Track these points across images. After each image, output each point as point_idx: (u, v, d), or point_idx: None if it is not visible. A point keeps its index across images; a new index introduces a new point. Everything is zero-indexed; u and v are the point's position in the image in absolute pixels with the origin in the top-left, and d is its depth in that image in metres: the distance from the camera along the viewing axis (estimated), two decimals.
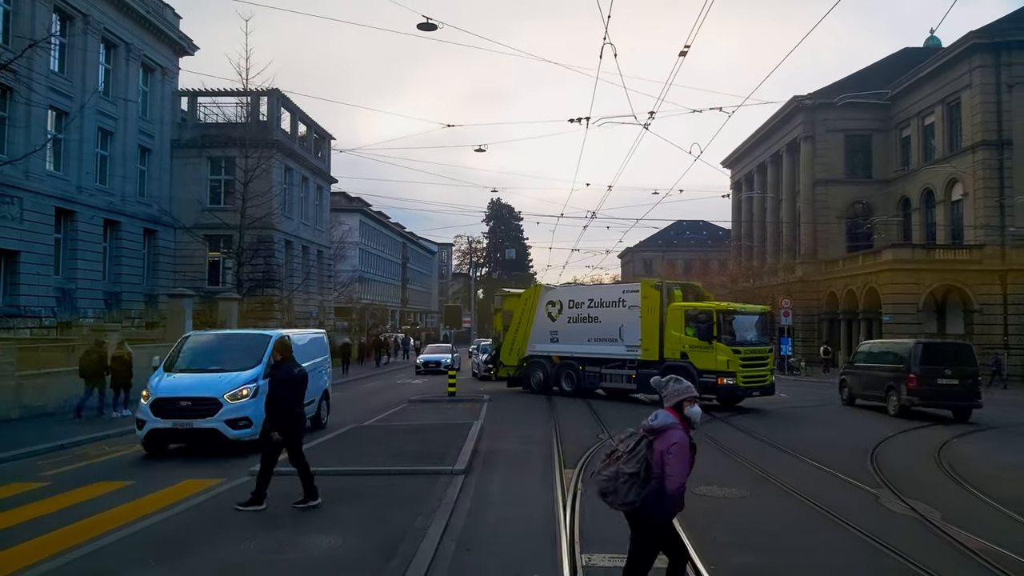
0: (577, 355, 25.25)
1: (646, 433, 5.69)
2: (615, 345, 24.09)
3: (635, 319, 23.58)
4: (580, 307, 25.55)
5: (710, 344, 21.70)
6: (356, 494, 10.24)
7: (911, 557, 7.62)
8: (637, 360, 23.36)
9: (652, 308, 23.19)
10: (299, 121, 45.56)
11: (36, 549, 7.93)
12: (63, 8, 30.24)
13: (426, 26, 18.46)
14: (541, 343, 26.60)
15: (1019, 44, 39.11)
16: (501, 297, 31.25)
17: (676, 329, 22.54)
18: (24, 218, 27.99)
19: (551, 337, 26.25)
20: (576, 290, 28.33)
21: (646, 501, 5.49)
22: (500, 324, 29.57)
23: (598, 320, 24.87)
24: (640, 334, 23.32)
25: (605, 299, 25.13)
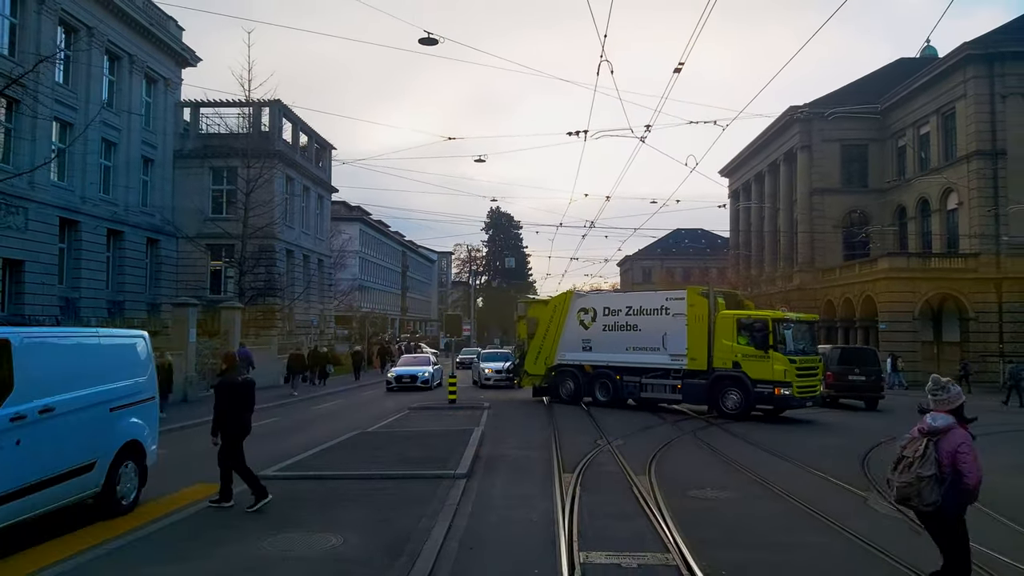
0: (614, 364, 24.30)
1: (928, 435, 6.16)
2: (657, 354, 23.29)
3: (680, 327, 22.77)
4: (617, 314, 24.57)
5: (766, 353, 21.16)
6: (362, 497, 10.55)
7: (895, 555, 7.94)
8: (683, 370, 22.60)
9: (700, 316, 22.41)
10: (300, 131, 45.95)
11: (50, 551, 8.22)
12: (68, 21, 30.65)
13: (427, 41, 18.82)
14: (572, 351, 25.56)
15: (1012, 55, 39.60)
16: (525, 304, 29.73)
17: (727, 338, 21.88)
18: (29, 228, 28.31)
19: (583, 345, 25.27)
20: (612, 297, 27.33)
21: (944, 499, 6.03)
22: (524, 332, 28.31)
23: (637, 328, 23.94)
24: (686, 343, 22.54)
25: (645, 306, 24.14)
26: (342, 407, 25.83)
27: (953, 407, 6.27)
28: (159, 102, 38.46)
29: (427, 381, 32.05)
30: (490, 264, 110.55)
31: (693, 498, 10.87)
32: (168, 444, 16.77)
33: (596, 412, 22.58)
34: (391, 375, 33.54)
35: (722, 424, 20.33)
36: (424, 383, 31.84)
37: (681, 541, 8.23)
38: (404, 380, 32.67)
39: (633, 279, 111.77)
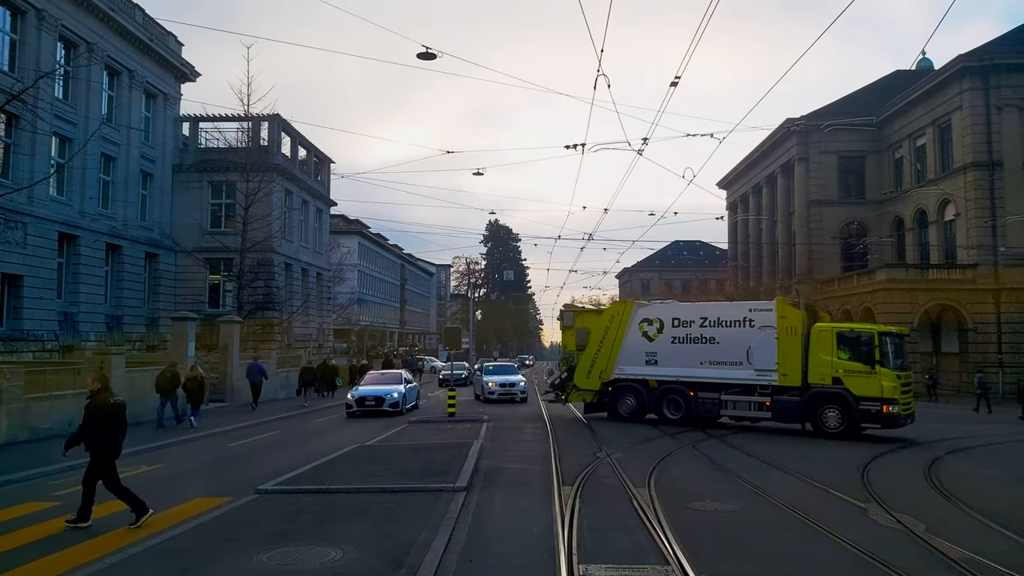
0: (686, 379, 22.66)
1: None
2: (740, 369, 21.76)
3: (768, 340, 21.32)
4: (689, 326, 22.97)
5: (872, 369, 19.88)
6: (362, 510, 10.54)
7: (896, 567, 7.94)
8: (771, 386, 21.20)
9: (792, 328, 21.08)
10: (299, 145, 46.10)
11: (49, 567, 8.21)
12: (68, 37, 30.81)
13: (426, 55, 18.92)
14: (633, 365, 23.74)
15: (1008, 67, 39.83)
16: (572, 314, 27.13)
17: (825, 352, 20.52)
18: (28, 243, 28.38)
19: (647, 359, 23.50)
20: (682, 307, 25.07)
21: None
22: (571, 343, 25.99)
23: (715, 341, 22.35)
24: (776, 357, 21.12)
25: (725, 318, 22.54)
26: (342, 420, 25.79)
27: None
28: (158, 117, 38.60)
29: (396, 404, 26.49)
30: (489, 277, 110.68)
31: (692, 510, 10.87)
32: (166, 459, 16.83)
33: (596, 425, 22.56)
34: (352, 396, 27.22)
35: (721, 436, 20.32)
36: (393, 406, 26.38)
37: (680, 553, 8.23)
38: (368, 403, 26.55)
39: (632, 291, 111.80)
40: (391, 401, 26.67)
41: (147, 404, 24.38)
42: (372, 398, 26.75)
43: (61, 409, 20.45)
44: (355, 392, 27.69)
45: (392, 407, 26.47)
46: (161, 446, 18.74)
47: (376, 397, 26.79)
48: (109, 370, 22.38)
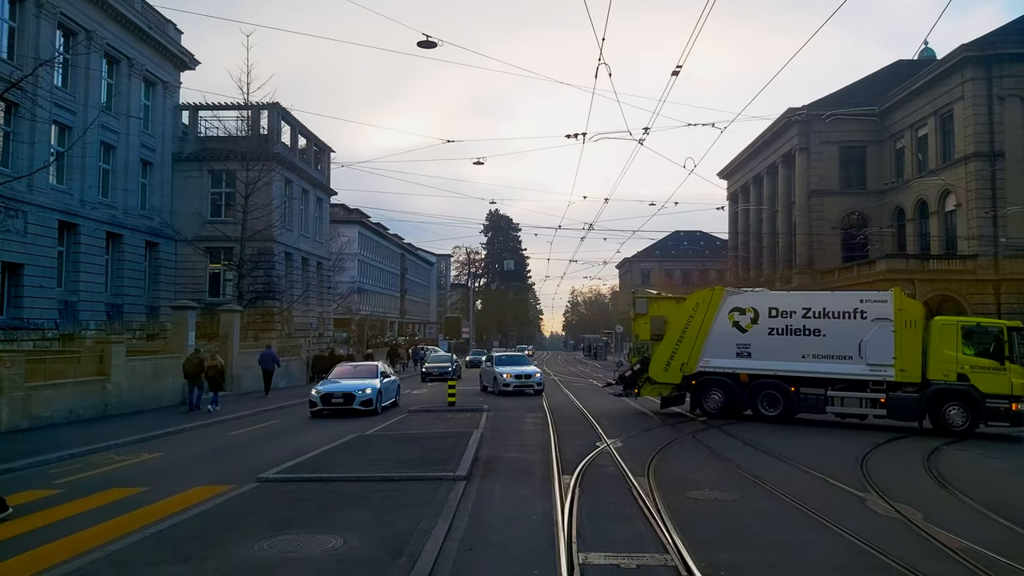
0: (786, 373, 21.35)
1: None
2: (849, 363, 20.59)
3: (883, 334, 20.21)
4: (789, 317, 21.56)
5: (1002, 365, 19.06)
6: (363, 498, 10.58)
7: (893, 556, 7.98)
8: (886, 381, 20.16)
9: (912, 322, 20.09)
10: (299, 134, 46.04)
11: (51, 553, 8.24)
12: (67, 24, 30.72)
13: (426, 44, 18.87)
14: (721, 358, 22.25)
15: (1010, 57, 39.69)
16: (645, 300, 24.99)
17: (949, 347, 19.63)
18: (28, 231, 28.38)
19: (739, 351, 22.08)
20: (780, 297, 23.59)
21: None
22: (644, 333, 24.17)
23: (820, 333, 21.05)
24: (893, 351, 20.06)
25: (832, 309, 21.18)
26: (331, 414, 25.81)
27: None
28: (158, 105, 38.53)
29: (369, 402, 23.11)
30: (489, 266, 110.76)
31: (692, 499, 10.90)
32: (168, 447, 16.90)
33: (596, 415, 22.58)
34: (316, 392, 23.63)
35: (720, 426, 20.35)
36: (365, 405, 22.99)
37: (680, 542, 8.26)
38: (335, 400, 23.11)
39: (632, 281, 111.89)
40: (363, 399, 23.13)
41: (147, 393, 24.50)
42: (340, 395, 23.17)
43: (62, 397, 20.53)
44: (320, 387, 23.91)
45: (364, 405, 23.01)
46: (164, 434, 18.80)
47: (345, 394, 23.16)
48: (109, 359, 22.55)
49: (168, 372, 26.12)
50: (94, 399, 21.84)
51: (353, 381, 24.15)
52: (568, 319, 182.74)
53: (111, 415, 22.09)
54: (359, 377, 24.77)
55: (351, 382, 24.01)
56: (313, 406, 23.27)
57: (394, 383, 26.88)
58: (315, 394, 23.49)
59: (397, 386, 27.19)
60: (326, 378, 25.61)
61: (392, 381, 26.71)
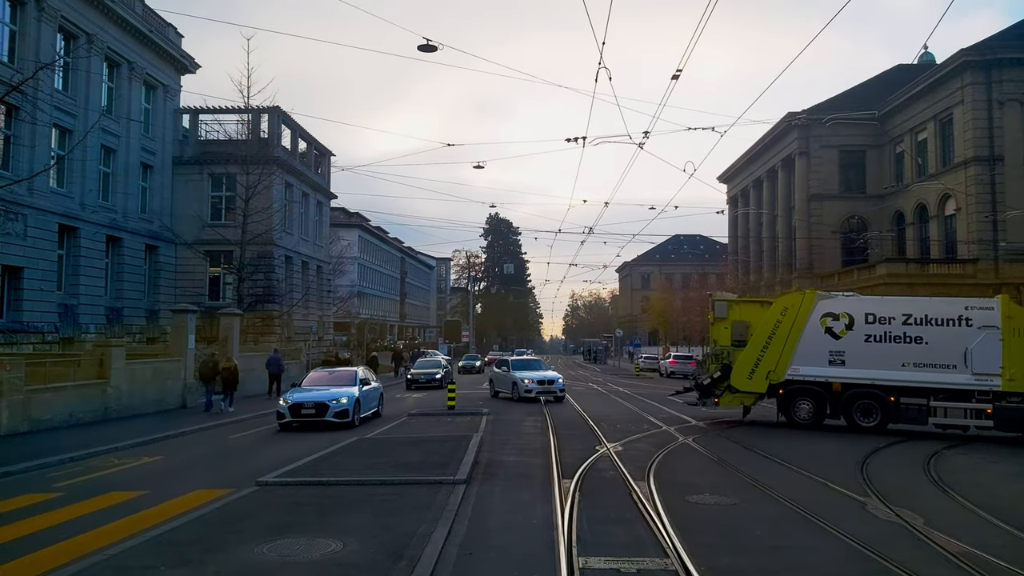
0: (883, 383, 20.40)
1: None
2: (953, 372, 19.78)
3: (991, 342, 19.53)
4: (888, 323, 20.64)
5: None
6: (362, 502, 10.57)
7: (895, 560, 7.97)
8: (993, 391, 19.45)
9: (1019, 330, 19.50)
10: (299, 138, 46.07)
11: (52, 556, 8.24)
12: (67, 28, 30.75)
13: (426, 47, 18.90)
14: (811, 366, 21.20)
15: (1010, 61, 39.74)
16: (724, 304, 23.71)
17: None
18: (28, 234, 28.38)
19: (831, 358, 21.02)
20: (877, 302, 22.54)
21: None
22: (724, 338, 22.90)
23: (922, 341, 20.21)
24: (1000, 360, 19.37)
25: (934, 315, 20.31)
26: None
27: None
28: (158, 109, 38.56)
29: (345, 413, 20.36)
30: (489, 270, 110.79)
31: (692, 503, 10.90)
32: (168, 450, 16.89)
33: (595, 419, 22.58)
34: (284, 402, 20.74)
35: (720, 430, 20.35)
36: (340, 415, 20.26)
37: (680, 546, 8.26)
38: (306, 411, 20.27)
39: (632, 285, 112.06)
40: (338, 409, 20.28)
41: (147, 397, 24.48)
42: (312, 405, 20.29)
43: (61, 401, 20.52)
44: (290, 396, 20.95)
45: (339, 416, 20.21)
46: (164, 437, 18.79)
47: (317, 403, 20.31)
48: (109, 362, 22.54)
49: (168, 376, 26.11)
50: (94, 402, 21.82)
51: (328, 389, 21.24)
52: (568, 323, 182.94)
53: (111, 418, 22.07)
54: (335, 384, 21.74)
55: (325, 391, 21.11)
56: (281, 418, 20.36)
57: (376, 391, 23.78)
58: (283, 404, 20.63)
59: (380, 394, 24.16)
60: (298, 385, 22.54)
61: (373, 389, 23.50)
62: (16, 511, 10.71)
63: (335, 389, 21.18)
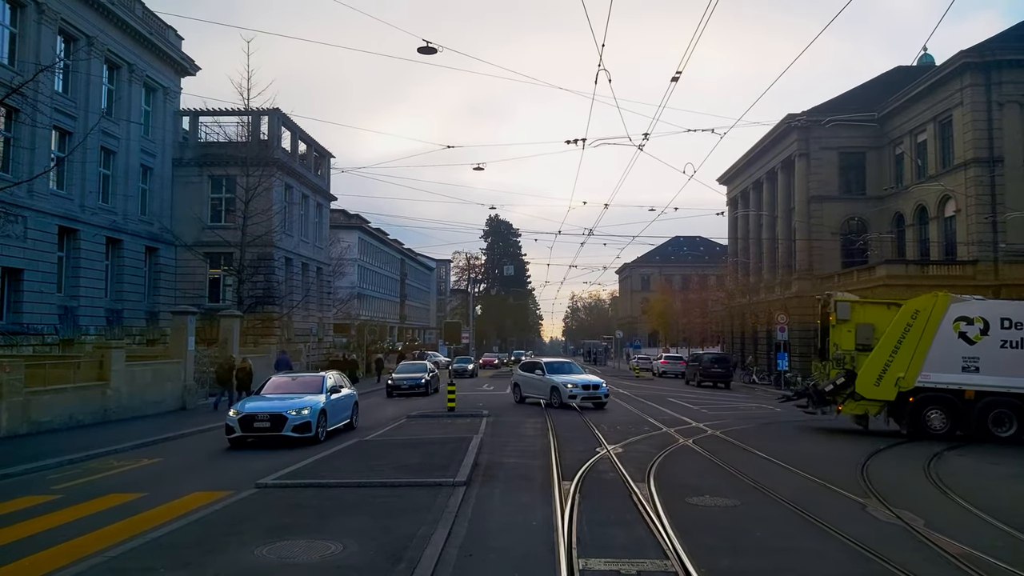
0: (1021, 391, 19.58)
1: None
2: None
3: None
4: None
5: None
6: (362, 504, 10.56)
7: (895, 562, 7.96)
8: None
9: None
10: (299, 140, 46.07)
11: (51, 558, 8.24)
12: (67, 30, 30.76)
13: (426, 50, 18.90)
14: (943, 372, 20.04)
15: (1009, 63, 39.71)
16: (848, 305, 21.97)
17: None
18: (28, 236, 28.37)
19: (965, 365, 19.97)
20: (1013, 306, 21.17)
21: None
22: (849, 342, 21.33)
23: None
24: None
25: None
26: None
27: None
28: (158, 111, 38.57)
29: (307, 426, 17.47)
30: (489, 272, 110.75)
31: (692, 505, 10.89)
32: (168, 452, 16.89)
33: (595, 421, 22.59)
34: (235, 414, 17.61)
35: (720, 432, 20.34)
36: (301, 429, 17.29)
37: (680, 548, 8.25)
38: (259, 424, 17.23)
39: (632, 286, 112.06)
40: (297, 422, 17.26)
41: (147, 398, 24.48)
42: (266, 417, 17.17)
43: (61, 403, 20.51)
44: (241, 407, 18.01)
45: (300, 431, 17.21)
46: (164, 439, 18.78)
47: (273, 415, 17.18)
48: (109, 364, 22.55)
49: (168, 378, 26.12)
50: (94, 404, 21.81)
51: (284, 400, 18.19)
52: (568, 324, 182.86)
53: (111, 420, 22.07)
54: (298, 392, 18.82)
55: (284, 400, 18.19)
56: (230, 432, 17.27)
57: (348, 400, 20.92)
58: (233, 416, 17.47)
59: (353, 403, 21.29)
60: (256, 393, 19.85)
61: (345, 397, 20.64)
62: (15, 513, 10.70)
63: (297, 399, 18.24)
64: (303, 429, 17.40)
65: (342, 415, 20.09)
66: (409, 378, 34.52)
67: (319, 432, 17.78)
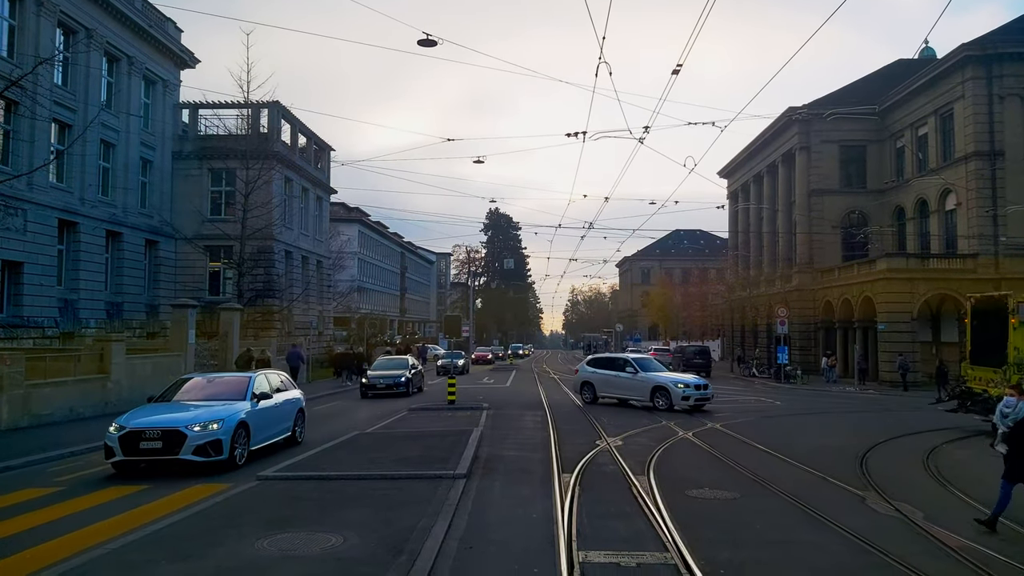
0: None
1: None
2: None
3: None
4: None
5: None
6: (363, 497, 10.58)
7: (893, 554, 7.99)
8: None
9: None
10: (299, 133, 45.98)
11: (52, 551, 8.27)
12: (67, 23, 30.68)
13: (426, 42, 18.84)
14: None
15: (1010, 56, 39.65)
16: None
17: None
18: (28, 229, 28.33)
19: None
20: None
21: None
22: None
23: None
24: None
25: None
26: (345, 407, 25.86)
27: None
28: (158, 103, 38.49)
29: (216, 445, 13.05)
30: (489, 265, 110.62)
31: (692, 498, 10.91)
32: None
33: (596, 414, 22.61)
34: (115, 429, 13.06)
35: (719, 425, 20.36)
36: (205, 451, 12.94)
37: (680, 540, 8.27)
38: (148, 444, 12.85)
39: (632, 280, 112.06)
40: (201, 440, 12.83)
41: (147, 391, 24.34)
42: (157, 433, 12.75)
43: (62, 395, 20.53)
44: (127, 420, 13.19)
45: (204, 453, 12.84)
46: None
47: (166, 432, 12.80)
48: (110, 357, 22.57)
49: (168, 370, 26.06)
50: (94, 397, 21.83)
51: (193, 408, 13.75)
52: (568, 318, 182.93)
53: (111, 413, 21.93)
54: (210, 399, 14.27)
55: (187, 411, 13.62)
56: (110, 455, 12.81)
57: (288, 407, 16.21)
58: (113, 433, 12.85)
59: (297, 411, 16.68)
60: (156, 400, 14.79)
61: (283, 404, 15.89)
62: (17, 505, 10.73)
63: (205, 408, 13.67)
64: (209, 451, 12.80)
65: (277, 427, 15.41)
66: (386, 376, 29.96)
67: (236, 453, 13.31)
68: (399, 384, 29.54)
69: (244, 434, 13.73)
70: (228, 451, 13.13)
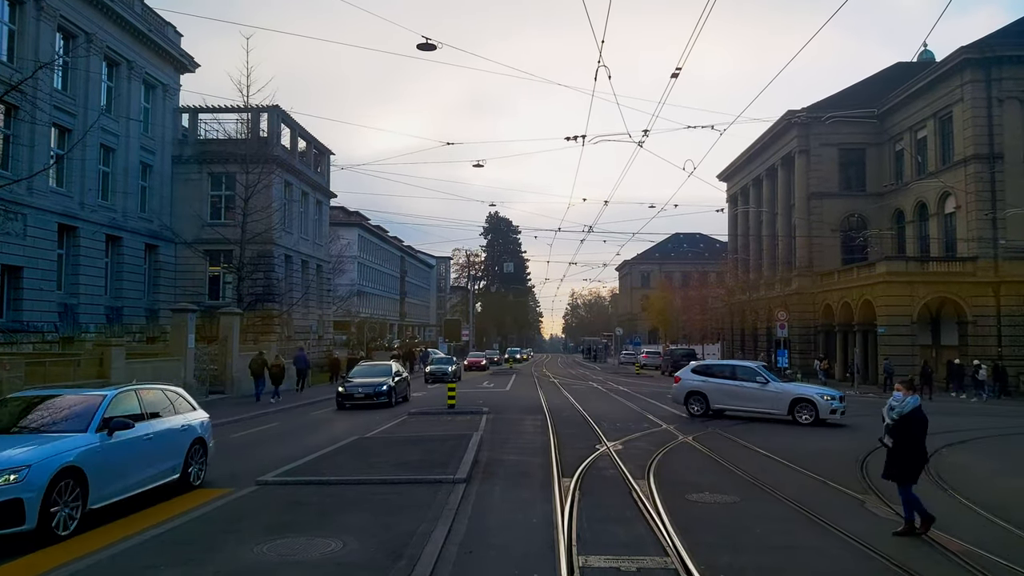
0: None
1: None
2: None
3: None
4: None
5: None
6: (362, 501, 10.56)
7: (893, 558, 7.97)
8: None
9: None
10: (299, 137, 46.02)
11: (52, 556, 8.22)
12: (67, 27, 30.72)
13: (425, 46, 18.88)
14: None
15: (1009, 59, 39.72)
16: None
17: None
18: (27, 234, 28.34)
19: None
20: None
21: None
22: None
23: None
24: None
25: None
26: (346, 413, 25.79)
27: None
28: (157, 108, 38.53)
29: (14, 508, 8.31)
30: (489, 269, 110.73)
31: (692, 502, 10.89)
32: None
33: (596, 418, 22.59)
34: None
35: (720, 429, 20.34)
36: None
37: (680, 545, 8.25)
38: None
39: (632, 283, 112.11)
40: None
41: None
42: None
43: None
44: None
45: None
46: None
47: None
48: (109, 361, 22.57)
49: (168, 375, 26.05)
50: None
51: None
52: (568, 321, 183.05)
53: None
54: (38, 430, 9.97)
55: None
56: None
57: (174, 438, 11.71)
58: None
59: (191, 441, 12.16)
60: None
61: (164, 434, 11.37)
62: None
63: (22, 448, 9.01)
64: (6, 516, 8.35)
65: (150, 469, 10.98)
66: (366, 384, 26.73)
67: (59, 519, 8.85)
68: (380, 393, 26.40)
69: (74, 487, 9.14)
70: (36, 517, 8.51)
